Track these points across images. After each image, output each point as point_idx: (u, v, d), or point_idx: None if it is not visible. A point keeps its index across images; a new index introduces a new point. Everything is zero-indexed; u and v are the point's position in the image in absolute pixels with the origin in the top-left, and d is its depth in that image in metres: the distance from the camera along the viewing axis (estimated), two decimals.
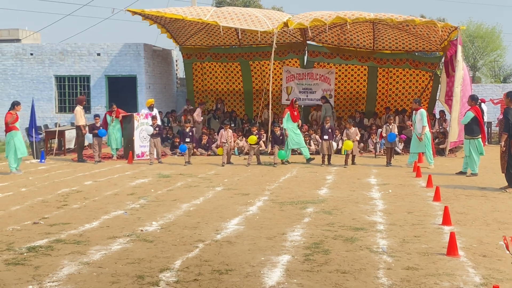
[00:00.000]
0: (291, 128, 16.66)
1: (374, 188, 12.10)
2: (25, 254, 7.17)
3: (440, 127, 19.96)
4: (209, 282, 6.09)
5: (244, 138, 19.13)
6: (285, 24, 19.13)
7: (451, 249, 6.94)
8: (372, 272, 6.36)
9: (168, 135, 20.61)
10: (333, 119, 20.44)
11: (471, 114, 13.84)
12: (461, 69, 17.93)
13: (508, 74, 52.91)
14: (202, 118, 21.87)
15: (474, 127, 13.80)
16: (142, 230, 8.38)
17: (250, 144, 16.48)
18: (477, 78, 48.49)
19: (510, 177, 11.66)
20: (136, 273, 6.37)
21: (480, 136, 13.80)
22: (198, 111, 21.82)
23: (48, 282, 6.10)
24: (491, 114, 23.67)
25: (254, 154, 16.46)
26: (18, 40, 46.84)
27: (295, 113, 16.81)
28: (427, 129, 15.42)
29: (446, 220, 8.57)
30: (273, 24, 18.88)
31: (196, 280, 6.13)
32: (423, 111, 15.48)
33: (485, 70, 53.82)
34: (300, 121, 16.95)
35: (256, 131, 17.15)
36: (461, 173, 14.16)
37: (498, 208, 9.96)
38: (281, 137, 16.57)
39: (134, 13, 20.45)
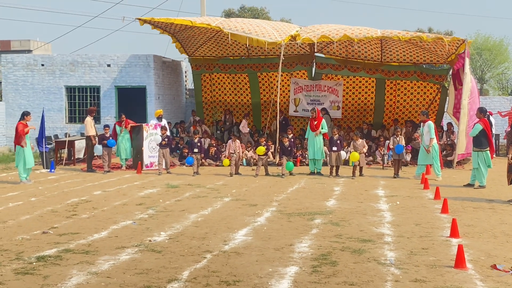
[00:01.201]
0: (311, 139, 16.72)
1: (381, 200, 12.06)
2: (34, 263, 7.18)
3: (448, 139, 19.89)
4: None
5: (252, 149, 19.13)
6: (293, 38, 19.19)
7: (459, 261, 6.89)
8: (379, 284, 6.33)
9: (179, 145, 20.63)
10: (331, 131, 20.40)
11: (479, 127, 13.79)
12: (469, 82, 17.90)
13: None
14: (248, 129, 21.81)
15: (482, 140, 13.75)
16: (150, 240, 8.37)
17: (258, 155, 16.48)
18: (485, 91, 48.29)
19: None
20: (144, 284, 6.36)
21: (488, 148, 13.75)
22: (244, 122, 21.78)
23: None
24: (499, 126, 23.58)
25: (262, 165, 16.45)
26: (29, 51, 47.17)
27: (315, 122, 16.79)
28: (434, 141, 15.39)
29: (454, 233, 8.52)
30: (281, 36, 18.91)
31: None
32: (430, 123, 15.46)
33: (493, 82, 53.62)
34: (319, 131, 16.85)
35: (264, 142, 17.14)
36: (469, 185, 14.09)
37: (506, 220, 9.90)
38: (289, 148, 16.56)
39: (144, 21, 20.65)
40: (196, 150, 16.89)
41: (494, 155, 20.80)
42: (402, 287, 6.22)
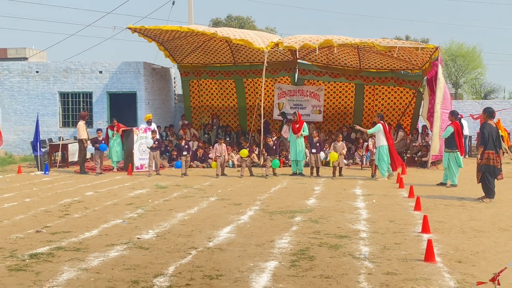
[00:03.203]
0: (293, 141, 16.84)
1: (359, 198, 12.18)
2: (27, 260, 7.20)
3: (423, 141, 20.07)
4: (200, 286, 6.14)
5: (238, 153, 19.18)
6: (276, 44, 19.32)
7: (429, 255, 7.01)
8: (353, 277, 6.43)
9: (168, 148, 20.66)
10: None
11: (451, 129, 13.97)
12: (442, 88, 18.08)
13: (488, 91, 53.21)
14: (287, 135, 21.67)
15: (453, 141, 13.93)
16: (138, 238, 8.41)
17: (242, 157, 16.56)
18: (459, 95, 48.71)
19: (486, 188, 11.76)
20: (132, 278, 6.41)
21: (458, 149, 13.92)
22: (285, 128, 21.65)
23: (48, 287, 6.14)
24: (472, 128, 23.81)
25: (246, 166, 16.51)
26: (25, 59, 46.83)
27: (297, 125, 16.92)
28: (383, 143, 15.44)
29: (425, 228, 8.65)
30: (264, 43, 19.05)
31: (188, 285, 6.18)
32: (379, 125, 15.56)
33: (467, 87, 54.09)
34: (300, 133, 16.89)
35: (248, 145, 17.22)
36: (441, 184, 14.26)
37: (475, 217, 10.04)
38: (274, 147, 16.67)
39: (134, 30, 20.66)
40: (185, 153, 16.95)
41: (466, 156, 21.05)
42: (375, 279, 6.32)
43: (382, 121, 15.73)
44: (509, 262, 5.89)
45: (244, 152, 16.40)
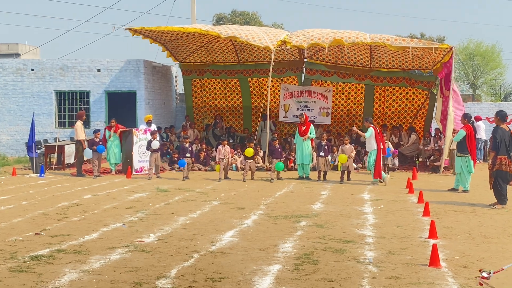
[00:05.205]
0: (299, 143, 17.22)
1: (366, 203, 12.55)
2: (28, 262, 7.61)
3: (435, 145, 20.40)
4: None
5: (242, 155, 19.54)
6: (283, 43, 19.65)
7: (433, 260, 7.39)
8: (357, 280, 6.81)
9: (169, 150, 21.05)
10: (271, 134, 20.71)
11: (463, 132, 14.31)
12: (456, 89, 18.44)
13: (508, 92, 53.35)
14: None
15: (466, 145, 14.27)
16: (140, 241, 8.80)
17: (245, 158, 16.88)
18: (477, 96, 48.93)
19: (498, 194, 12.11)
20: (134, 280, 6.82)
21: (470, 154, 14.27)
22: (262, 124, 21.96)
23: None
24: (488, 132, 24.09)
25: (249, 169, 16.84)
26: (17, 55, 47.44)
27: (303, 128, 17.30)
28: (374, 147, 15.83)
29: (433, 234, 9.02)
30: (271, 41, 19.31)
31: (191, 287, 6.58)
32: (370, 129, 15.94)
33: (485, 88, 54.30)
34: (308, 135, 17.24)
35: (253, 146, 17.56)
36: (453, 189, 14.60)
37: (485, 223, 10.40)
38: (279, 150, 17.04)
39: (134, 31, 20.98)
40: (188, 155, 17.32)
41: (481, 161, 21.35)
42: (378, 283, 6.71)
43: (372, 125, 16.13)
44: (507, 265, 6.28)
45: (250, 151, 16.71)
